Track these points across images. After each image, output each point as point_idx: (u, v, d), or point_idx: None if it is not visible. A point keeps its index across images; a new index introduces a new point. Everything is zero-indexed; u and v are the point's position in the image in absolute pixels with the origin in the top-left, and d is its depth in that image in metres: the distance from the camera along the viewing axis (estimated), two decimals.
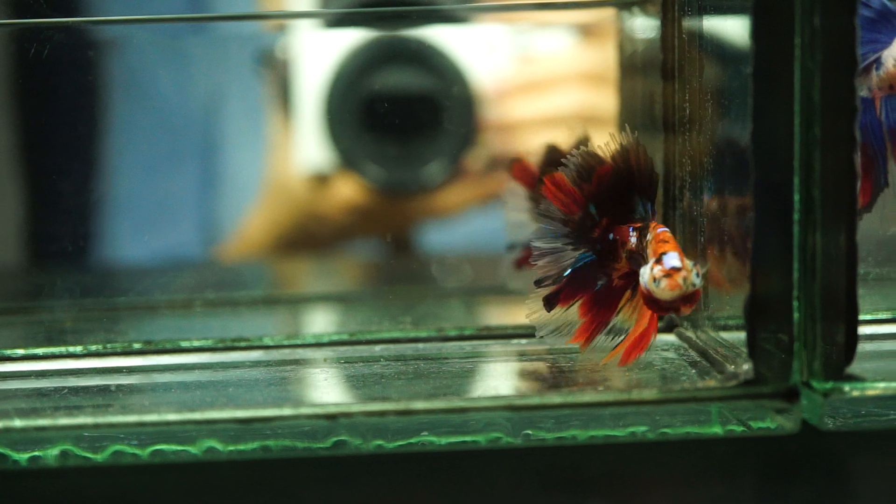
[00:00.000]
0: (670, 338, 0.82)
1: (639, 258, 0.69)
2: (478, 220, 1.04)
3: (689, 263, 0.65)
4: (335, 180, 0.99)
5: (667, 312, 0.68)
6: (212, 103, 1.01)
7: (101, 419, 0.63)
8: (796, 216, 0.66)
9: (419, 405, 0.65)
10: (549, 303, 0.71)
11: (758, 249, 0.66)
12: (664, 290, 0.64)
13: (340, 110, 0.96)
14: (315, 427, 0.64)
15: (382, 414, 0.65)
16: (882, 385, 0.68)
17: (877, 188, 0.72)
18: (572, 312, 0.72)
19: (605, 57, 0.94)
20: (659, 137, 0.81)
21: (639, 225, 0.70)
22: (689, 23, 0.78)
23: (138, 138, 1.00)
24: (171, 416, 0.63)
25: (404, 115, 0.97)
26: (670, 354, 0.79)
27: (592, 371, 0.73)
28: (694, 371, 0.74)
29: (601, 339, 0.72)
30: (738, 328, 0.69)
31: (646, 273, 0.66)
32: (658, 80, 0.80)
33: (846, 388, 0.68)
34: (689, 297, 0.65)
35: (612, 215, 0.70)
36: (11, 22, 0.87)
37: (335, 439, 0.65)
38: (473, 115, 1.01)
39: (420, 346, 0.82)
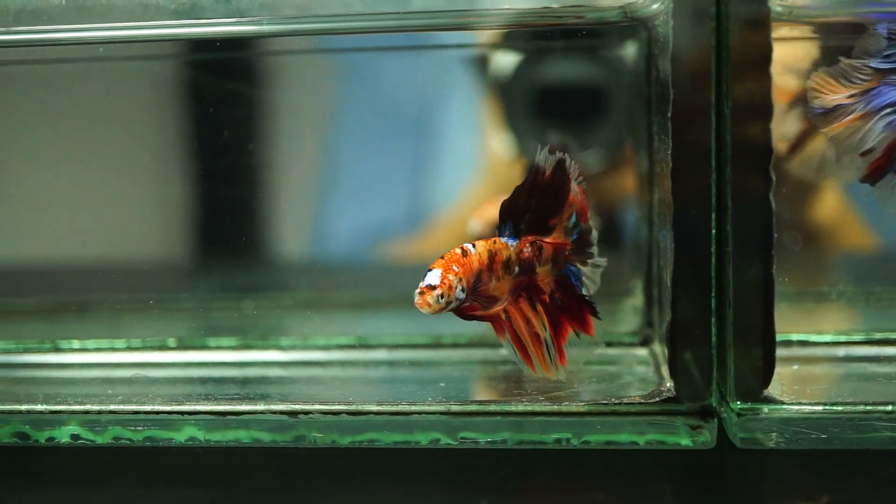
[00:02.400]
0: (643, 352, 0.89)
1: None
2: None
3: (453, 280, 0.70)
4: (517, 164, 1.05)
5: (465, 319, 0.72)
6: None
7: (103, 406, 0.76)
8: (712, 249, 0.72)
9: (371, 406, 0.75)
10: None
11: (677, 279, 0.73)
12: (417, 305, 0.70)
13: (519, 99, 1.03)
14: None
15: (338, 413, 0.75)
16: (796, 408, 0.73)
17: None
18: None
19: None
20: None
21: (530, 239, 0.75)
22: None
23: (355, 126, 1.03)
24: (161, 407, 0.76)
25: (573, 104, 1.03)
26: (641, 369, 0.86)
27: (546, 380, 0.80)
28: (642, 386, 0.80)
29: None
30: None
31: None
32: None
33: (764, 409, 0.73)
34: (458, 311, 0.71)
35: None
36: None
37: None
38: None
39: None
